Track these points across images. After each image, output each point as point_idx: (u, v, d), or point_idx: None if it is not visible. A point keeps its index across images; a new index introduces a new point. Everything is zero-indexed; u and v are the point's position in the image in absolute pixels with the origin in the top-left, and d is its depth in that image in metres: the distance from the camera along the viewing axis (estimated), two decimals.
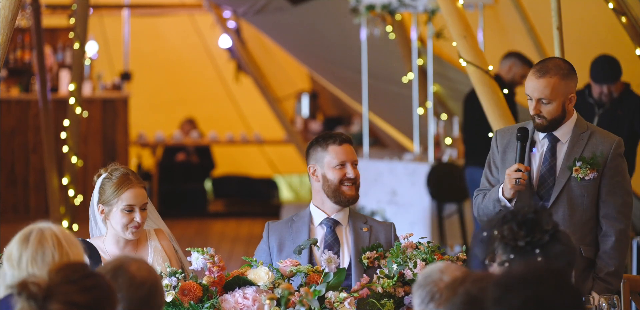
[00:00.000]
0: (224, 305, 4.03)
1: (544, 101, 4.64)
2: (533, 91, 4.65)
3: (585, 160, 4.66)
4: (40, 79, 9.49)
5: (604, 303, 4.16)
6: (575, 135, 4.72)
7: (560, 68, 4.66)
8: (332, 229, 4.54)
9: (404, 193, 9.49)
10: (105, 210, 4.43)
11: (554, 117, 4.66)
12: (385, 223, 4.64)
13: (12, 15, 5.36)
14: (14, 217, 11.70)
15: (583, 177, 4.67)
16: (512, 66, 8.28)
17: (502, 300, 2.44)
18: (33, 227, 3.15)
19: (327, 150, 4.55)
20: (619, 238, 4.70)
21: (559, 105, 4.65)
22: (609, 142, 4.72)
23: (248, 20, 11.92)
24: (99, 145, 12.57)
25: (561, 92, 4.64)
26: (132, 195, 4.41)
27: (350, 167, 4.54)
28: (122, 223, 4.40)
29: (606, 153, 4.69)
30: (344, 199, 4.54)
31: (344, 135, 4.61)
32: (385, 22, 9.65)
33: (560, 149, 4.73)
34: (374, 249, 4.35)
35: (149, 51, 14.89)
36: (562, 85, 4.64)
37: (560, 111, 4.66)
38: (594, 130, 4.77)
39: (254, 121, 15.15)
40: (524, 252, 2.89)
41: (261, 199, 14.63)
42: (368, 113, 10.56)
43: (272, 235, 4.58)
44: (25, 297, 2.59)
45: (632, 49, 6.96)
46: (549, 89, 4.62)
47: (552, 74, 4.64)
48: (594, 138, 4.72)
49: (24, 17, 12.24)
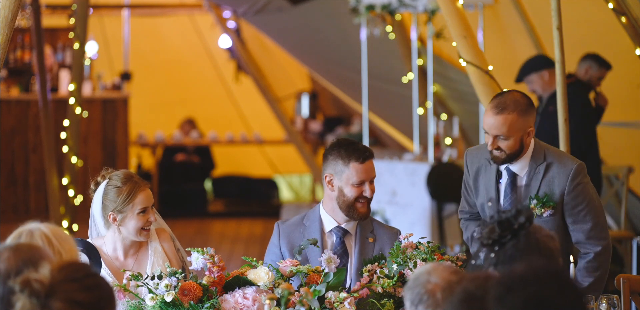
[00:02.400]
0: (224, 305, 4.03)
1: (501, 137, 4.63)
2: (490, 128, 4.63)
3: (539, 199, 4.68)
4: (40, 79, 9.49)
5: (604, 303, 4.17)
6: (531, 168, 4.71)
7: (518, 103, 4.63)
8: (341, 240, 4.52)
9: (404, 193, 9.49)
10: (118, 218, 4.41)
11: (512, 152, 4.65)
12: (391, 230, 4.61)
13: (12, 15, 5.36)
14: (14, 217, 11.71)
15: (540, 215, 4.69)
16: (589, 69, 8.25)
17: (503, 299, 2.45)
18: (22, 230, 3.15)
19: (349, 167, 4.49)
20: (595, 257, 4.70)
21: (516, 140, 4.63)
22: (565, 174, 4.68)
23: (248, 20, 11.92)
24: (99, 145, 12.56)
25: (519, 128, 4.61)
26: (145, 197, 4.41)
27: (369, 185, 4.50)
28: (138, 226, 4.40)
29: (562, 187, 4.67)
30: (355, 215, 4.51)
31: (367, 151, 4.50)
32: (385, 22, 9.65)
33: (519, 183, 4.75)
34: (376, 260, 4.30)
35: (149, 51, 14.89)
36: (520, 122, 4.61)
37: (518, 146, 4.65)
38: (552, 160, 4.72)
39: (254, 121, 15.16)
40: (488, 249, 2.93)
41: (261, 199, 14.63)
42: (368, 113, 10.57)
43: (282, 239, 4.56)
44: (28, 294, 2.59)
45: (632, 49, 6.96)
46: (506, 126, 4.59)
47: (510, 110, 4.61)
48: (550, 171, 4.69)
49: (24, 17, 12.24)
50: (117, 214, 4.40)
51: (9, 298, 2.65)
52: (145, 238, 4.44)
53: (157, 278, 4.02)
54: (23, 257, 2.85)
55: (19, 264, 2.81)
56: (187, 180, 14.16)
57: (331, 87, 13.10)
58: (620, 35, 7.24)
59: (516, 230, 2.93)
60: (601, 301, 4.18)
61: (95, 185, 4.49)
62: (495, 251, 2.91)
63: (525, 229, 2.94)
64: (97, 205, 4.46)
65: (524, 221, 2.93)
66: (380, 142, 13.45)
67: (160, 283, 4.01)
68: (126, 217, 4.39)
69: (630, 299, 4.63)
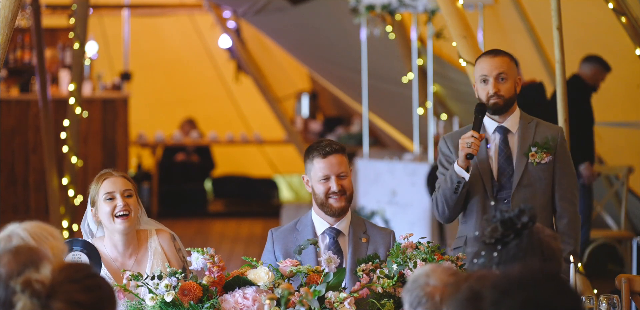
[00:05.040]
0: (224, 305, 4.03)
1: (502, 77, 4.88)
2: (492, 70, 4.89)
3: (540, 145, 4.91)
4: (40, 79, 9.49)
5: (604, 303, 4.17)
6: (523, 125, 4.97)
7: (506, 52, 4.98)
8: (334, 240, 4.52)
9: (404, 193, 9.48)
10: (94, 211, 4.44)
11: (509, 97, 4.91)
12: (385, 231, 4.60)
13: (12, 15, 5.36)
14: (14, 217, 11.69)
15: (540, 161, 4.92)
16: (597, 73, 8.28)
17: (500, 302, 2.44)
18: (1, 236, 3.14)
19: (313, 163, 4.53)
20: (572, 218, 4.95)
21: (512, 84, 4.90)
22: (555, 130, 4.99)
23: (248, 20, 11.92)
24: (99, 145, 12.56)
25: (513, 71, 4.91)
26: (110, 183, 4.43)
27: (335, 180, 4.47)
28: (107, 213, 4.40)
29: (555, 138, 4.95)
30: (330, 212, 4.50)
31: (330, 146, 4.50)
32: (385, 22, 9.66)
33: (512, 139, 4.96)
34: (370, 260, 4.28)
35: (149, 51, 14.89)
36: (512, 65, 4.93)
37: (513, 91, 4.92)
38: (539, 121, 5.02)
39: (254, 121, 15.15)
40: (491, 248, 2.92)
41: (261, 199, 14.63)
42: (368, 113, 10.57)
43: (277, 244, 4.55)
44: (29, 295, 2.59)
45: (632, 49, 6.96)
46: (505, 65, 4.89)
47: (504, 54, 4.94)
48: (540, 127, 4.98)
49: (24, 17, 12.23)
50: (93, 207, 4.46)
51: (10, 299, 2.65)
52: (122, 226, 4.41)
53: (157, 278, 4.02)
54: (24, 260, 2.84)
55: (20, 267, 2.80)
56: (187, 180, 14.16)
57: (331, 87, 13.11)
58: (620, 35, 7.24)
59: (519, 229, 2.93)
60: (601, 301, 4.18)
61: None
62: (498, 250, 2.91)
63: (529, 228, 2.94)
64: (88, 207, 4.50)
65: (527, 221, 2.93)
66: (380, 142, 13.45)
67: (160, 283, 4.01)
68: (98, 208, 4.42)
69: (630, 299, 4.63)
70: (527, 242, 2.93)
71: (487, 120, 4.95)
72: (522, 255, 2.91)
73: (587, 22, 8.30)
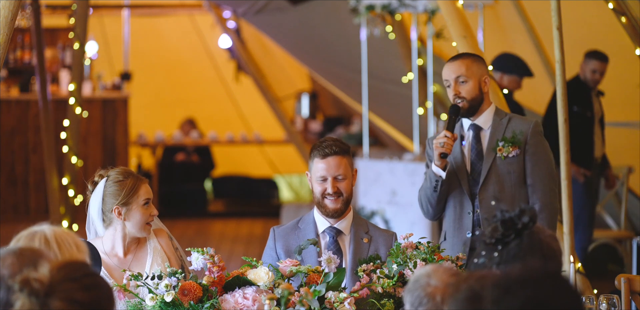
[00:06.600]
0: (224, 305, 4.03)
1: (461, 80, 5.00)
2: (450, 74, 5.04)
3: (507, 140, 5.03)
4: (40, 79, 9.49)
5: (604, 303, 4.17)
6: (495, 122, 5.10)
7: (469, 54, 5.15)
8: (334, 239, 4.52)
9: (404, 193, 9.48)
10: (123, 211, 4.40)
11: (473, 98, 5.02)
12: (387, 232, 4.60)
13: (12, 15, 5.36)
14: (14, 217, 11.69)
15: (507, 155, 5.04)
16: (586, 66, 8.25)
17: (501, 301, 2.44)
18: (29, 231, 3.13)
19: (313, 162, 4.54)
20: (543, 208, 5.02)
21: (475, 85, 5.01)
22: (527, 123, 5.10)
23: (248, 20, 11.92)
24: (99, 145, 12.56)
25: (475, 71, 5.02)
26: (147, 190, 4.45)
27: (332, 181, 4.47)
28: (143, 219, 4.40)
29: (525, 132, 5.06)
30: (325, 212, 4.51)
31: (331, 147, 4.49)
32: (385, 22, 9.65)
33: (483, 135, 5.11)
34: (372, 260, 4.28)
35: (149, 51, 14.89)
36: (475, 66, 5.04)
37: (477, 92, 5.03)
38: (513, 116, 5.16)
39: (254, 121, 15.15)
40: (491, 249, 2.92)
41: (261, 199, 14.63)
42: (368, 113, 10.56)
43: (278, 241, 4.55)
44: (27, 294, 2.59)
45: (632, 49, 6.96)
46: (463, 67, 5.01)
47: (464, 57, 5.09)
48: (512, 122, 5.11)
49: (24, 17, 12.24)
50: (122, 207, 4.39)
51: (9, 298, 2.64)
52: (148, 233, 4.44)
53: (157, 278, 4.02)
54: (27, 262, 2.84)
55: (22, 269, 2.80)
56: (187, 180, 14.15)
57: (331, 87, 13.10)
58: (620, 35, 7.24)
59: (520, 229, 2.93)
60: (601, 301, 4.18)
61: (93, 185, 4.48)
62: (499, 250, 2.91)
63: (529, 228, 2.94)
64: (96, 203, 4.44)
65: (528, 221, 2.93)
66: (380, 142, 13.45)
67: (160, 283, 4.01)
68: (131, 210, 4.39)
69: (630, 299, 4.63)
70: (527, 242, 2.93)
71: (464, 119, 5.13)
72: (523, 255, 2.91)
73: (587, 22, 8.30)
